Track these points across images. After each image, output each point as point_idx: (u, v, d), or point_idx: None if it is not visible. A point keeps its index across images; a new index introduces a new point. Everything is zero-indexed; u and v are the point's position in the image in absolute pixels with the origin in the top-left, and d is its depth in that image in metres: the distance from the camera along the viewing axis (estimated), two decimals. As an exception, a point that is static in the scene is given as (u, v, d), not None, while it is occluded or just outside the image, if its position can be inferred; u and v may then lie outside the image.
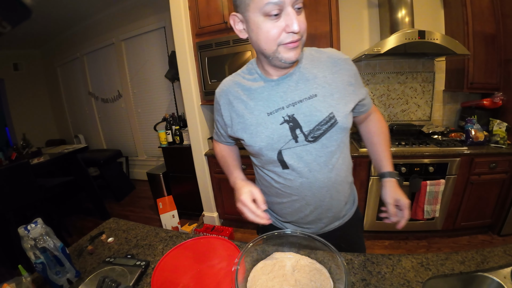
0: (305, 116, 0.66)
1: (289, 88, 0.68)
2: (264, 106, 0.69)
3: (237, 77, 0.76)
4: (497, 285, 0.60)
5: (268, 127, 0.68)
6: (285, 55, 0.59)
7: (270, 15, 0.55)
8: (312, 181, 0.70)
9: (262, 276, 0.61)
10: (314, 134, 0.67)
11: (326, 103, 0.67)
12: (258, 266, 0.65)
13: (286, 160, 0.69)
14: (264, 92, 0.70)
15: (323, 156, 0.69)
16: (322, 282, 0.59)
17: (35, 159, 2.46)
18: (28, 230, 0.67)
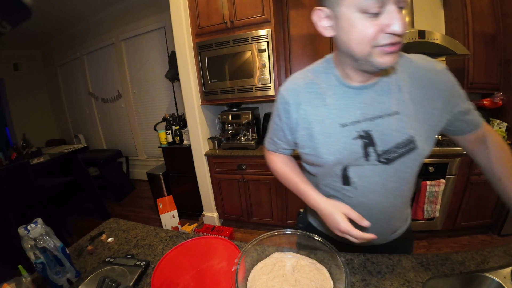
0: (382, 135, 0.58)
1: (370, 100, 0.59)
2: (338, 116, 0.61)
3: (309, 75, 0.66)
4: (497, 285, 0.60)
5: (340, 140, 0.60)
6: (380, 60, 0.50)
7: (368, 12, 0.46)
8: (372, 203, 0.64)
9: (262, 276, 0.61)
10: (388, 156, 0.59)
11: (408, 123, 0.57)
12: (258, 266, 0.65)
13: (350, 176, 0.63)
14: (340, 99, 0.61)
15: (393, 181, 0.61)
16: (322, 282, 0.59)
17: (35, 159, 2.46)
18: (28, 230, 0.67)
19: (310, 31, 1.95)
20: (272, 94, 1.94)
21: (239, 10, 1.87)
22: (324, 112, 0.62)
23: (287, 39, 2.02)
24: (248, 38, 1.88)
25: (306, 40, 1.98)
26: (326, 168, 0.65)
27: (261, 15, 1.83)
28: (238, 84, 2.01)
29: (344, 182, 0.64)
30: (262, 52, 1.87)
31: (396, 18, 0.46)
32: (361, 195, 0.64)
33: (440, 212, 1.82)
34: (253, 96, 2.00)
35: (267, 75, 1.91)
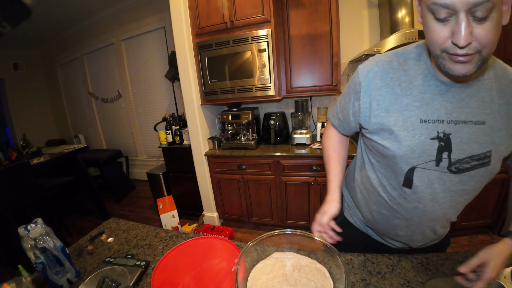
0: (461, 142, 0.54)
1: (459, 101, 0.54)
2: (420, 110, 0.56)
3: (397, 59, 0.60)
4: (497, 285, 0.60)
5: (415, 136, 0.56)
6: (449, 65, 0.48)
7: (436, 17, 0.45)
8: (427, 210, 0.61)
9: (262, 276, 0.61)
10: (460, 165, 0.55)
11: (490, 137, 0.54)
12: (258, 266, 0.65)
13: (414, 180, 0.59)
14: (427, 92, 0.56)
15: (455, 191, 0.58)
16: (322, 282, 0.59)
17: (35, 159, 2.46)
18: (28, 230, 0.67)
19: (310, 31, 1.95)
20: (272, 94, 1.94)
21: (239, 10, 1.87)
22: (405, 102, 0.58)
23: (287, 39, 2.02)
24: (248, 38, 1.88)
25: (306, 40, 1.98)
26: (391, 162, 0.61)
27: (261, 15, 1.83)
28: (238, 84, 2.01)
29: (405, 184, 0.61)
30: (262, 52, 1.87)
31: (461, 30, 0.42)
32: (419, 200, 0.60)
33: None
34: (253, 96, 2.00)
35: (267, 75, 1.91)
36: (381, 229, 0.74)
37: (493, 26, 0.42)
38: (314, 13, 1.90)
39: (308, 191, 2.01)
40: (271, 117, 2.20)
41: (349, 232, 0.82)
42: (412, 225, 0.65)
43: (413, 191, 0.60)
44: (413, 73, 0.58)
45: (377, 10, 2.11)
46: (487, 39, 0.43)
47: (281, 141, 2.27)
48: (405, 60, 0.60)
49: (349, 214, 0.86)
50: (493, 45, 0.44)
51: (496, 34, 0.43)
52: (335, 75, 1.96)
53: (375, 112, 0.61)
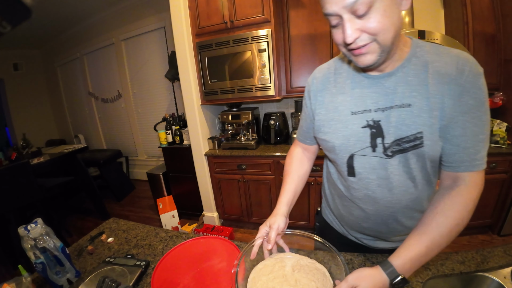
0: (390, 127, 0.57)
1: (384, 90, 0.58)
2: (351, 104, 0.62)
3: (333, 64, 0.70)
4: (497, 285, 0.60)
5: (348, 127, 0.62)
6: (355, 59, 0.54)
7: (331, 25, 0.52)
8: (378, 197, 0.63)
9: (262, 277, 0.61)
10: (392, 148, 0.58)
11: (419, 118, 0.54)
12: (258, 267, 0.64)
13: (355, 167, 0.64)
14: (356, 88, 0.63)
15: (398, 175, 0.60)
16: (322, 281, 0.59)
17: (35, 159, 2.46)
18: (28, 230, 0.67)
19: (310, 31, 1.94)
20: (272, 94, 1.94)
21: (239, 10, 1.87)
22: (339, 99, 0.65)
23: (287, 39, 2.02)
24: (248, 38, 1.88)
25: (306, 40, 1.98)
26: (334, 154, 0.67)
27: (261, 15, 1.83)
28: (238, 84, 2.01)
29: (349, 173, 0.66)
30: (262, 52, 1.87)
31: (344, 29, 0.48)
32: (366, 187, 0.64)
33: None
34: (253, 96, 2.00)
35: (267, 75, 1.91)
36: (349, 223, 0.77)
37: (379, 15, 0.47)
38: (314, 13, 1.90)
39: (308, 191, 2.01)
40: (271, 117, 2.20)
41: (328, 233, 0.85)
42: (371, 215, 0.67)
43: (358, 179, 0.65)
44: (346, 74, 0.66)
45: (377, 10, 2.10)
46: (376, 28, 0.47)
47: (281, 141, 2.27)
48: (341, 65, 0.68)
49: (327, 215, 0.87)
50: (385, 31, 0.48)
51: (385, 20, 0.47)
52: (335, 75, 1.95)
53: (317, 111, 0.70)
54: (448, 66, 0.53)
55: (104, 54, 3.74)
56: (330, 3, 0.48)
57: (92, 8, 3.23)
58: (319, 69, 0.73)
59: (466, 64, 0.52)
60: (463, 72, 0.52)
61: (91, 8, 3.23)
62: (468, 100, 0.52)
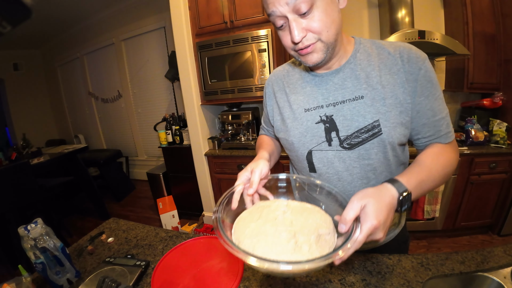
0: (344, 120, 0.59)
1: (333, 86, 0.61)
2: (304, 102, 0.65)
3: (287, 67, 0.74)
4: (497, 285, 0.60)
5: (303, 124, 0.65)
6: (302, 59, 0.56)
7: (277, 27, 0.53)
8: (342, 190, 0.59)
9: (250, 224, 0.50)
10: (351, 141, 0.59)
11: (373, 108, 0.57)
12: (242, 216, 0.53)
13: (314, 163, 0.65)
14: (307, 87, 0.66)
15: (358, 167, 0.61)
16: (320, 218, 0.51)
17: (35, 159, 2.46)
18: (28, 230, 0.67)
19: (310, 31, 1.94)
20: (272, 94, 1.94)
21: (239, 10, 1.87)
22: (293, 98, 0.68)
23: (287, 39, 2.02)
24: (248, 38, 1.88)
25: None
26: (294, 152, 0.69)
27: (261, 15, 1.83)
28: (238, 84, 2.01)
29: (310, 169, 0.67)
30: (262, 52, 1.87)
31: (291, 29, 0.50)
32: (327, 182, 0.58)
33: (440, 212, 1.82)
34: (253, 96, 2.00)
35: (267, 75, 1.91)
36: None
37: (321, 13, 0.49)
38: (314, 13, 1.90)
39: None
40: (271, 117, 2.20)
41: None
42: None
43: (319, 174, 0.66)
44: (297, 75, 0.69)
45: (377, 10, 2.11)
46: (318, 27, 0.50)
47: (281, 141, 2.27)
48: (293, 67, 0.71)
49: None
50: (327, 29, 0.50)
51: (326, 18, 0.50)
52: (335, 75, 1.96)
53: (276, 111, 0.73)
54: (392, 57, 0.58)
55: (104, 54, 3.74)
56: (273, 2, 0.48)
57: (92, 8, 3.23)
58: (274, 73, 0.77)
59: (409, 52, 0.56)
60: (408, 59, 0.56)
61: (91, 8, 3.23)
62: (420, 83, 0.56)
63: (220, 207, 0.50)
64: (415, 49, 0.57)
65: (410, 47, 0.58)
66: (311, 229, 0.47)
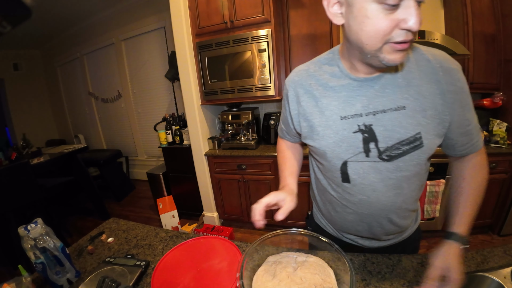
0: (385, 130, 0.56)
1: (374, 93, 0.56)
2: (339, 108, 0.59)
3: (313, 67, 0.66)
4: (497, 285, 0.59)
5: (338, 132, 0.60)
6: (390, 57, 0.47)
7: (386, 3, 0.42)
8: (373, 201, 0.62)
9: (267, 284, 0.59)
10: (391, 152, 0.57)
11: (415, 119, 0.55)
12: (258, 274, 0.63)
13: (349, 173, 0.62)
14: (342, 91, 0.59)
15: (394, 179, 0.59)
16: (324, 272, 0.60)
17: (35, 159, 2.46)
18: (28, 230, 0.67)
19: (310, 31, 1.94)
20: (272, 94, 1.94)
21: (239, 10, 1.87)
22: (325, 103, 0.61)
23: (287, 39, 2.02)
24: (248, 38, 1.88)
25: (306, 40, 1.98)
26: (326, 161, 0.65)
27: (261, 15, 1.83)
28: (238, 84, 2.01)
29: (343, 179, 0.63)
30: (262, 52, 1.87)
31: (414, 13, 0.42)
32: (361, 192, 0.62)
33: (440, 212, 1.82)
34: (253, 96, 2.00)
35: (267, 75, 1.91)
36: (343, 228, 0.75)
37: None
38: (314, 13, 1.90)
39: (308, 191, 2.01)
40: (271, 117, 2.20)
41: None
42: (365, 218, 0.66)
43: (353, 185, 0.63)
44: (327, 76, 0.62)
45: (377, 10, 2.11)
46: (420, 23, 0.43)
47: (281, 141, 2.27)
48: (320, 67, 0.65)
49: (319, 219, 0.85)
50: None
51: None
52: (335, 75, 1.96)
53: (303, 117, 0.66)
54: (431, 65, 0.55)
55: (104, 54, 3.74)
56: None
57: (92, 8, 3.23)
58: (297, 73, 0.69)
59: (447, 62, 0.55)
60: (447, 70, 0.54)
61: (91, 8, 3.22)
62: (459, 95, 0.55)
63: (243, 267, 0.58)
64: (452, 59, 0.56)
65: (447, 56, 0.56)
66: (318, 284, 0.57)
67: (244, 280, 0.56)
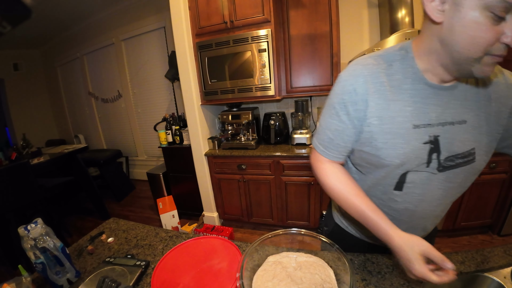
0: (448, 143, 0.55)
1: (445, 104, 0.54)
2: (413, 115, 0.54)
3: (382, 62, 0.56)
4: (497, 285, 0.60)
5: (410, 143, 0.54)
6: (485, 68, 0.45)
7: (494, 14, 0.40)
8: (417, 210, 0.62)
9: (267, 283, 0.60)
10: (444, 163, 0.56)
11: (471, 135, 0.54)
12: (258, 274, 0.63)
13: (406, 182, 0.58)
14: (417, 96, 0.54)
15: (441, 189, 0.59)
16: (323, 272, 0.61)
17: (35, 159, 2.46)
18: (28, 230, 0.67)
19: (310, 31, 1.94)
20: (272, 94, 1.94)
21: (239, 10, 1.87)
22: (397, 108, 0.54)
23: (287, 39, 2.02)
24: (248, 38, 1.88)
25: (306, 40, 1.98)
26: (384, 171, 0.59)
27: (261, 15, 1.83)
28: (238, 84, 2.01)
29: (396, 187, 0.60)
30: (262, 52, 1.87)
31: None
32: (409, 201, 0.61)
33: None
34: (253, 96, 2.00)
35: (267, 75, 1.91)
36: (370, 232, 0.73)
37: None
38: (314, 13, 1.90)
39: (308, 191, 2.01)
40: (271, 117, 2.20)
41: (342, 238, 0.81)
42: (401, 224, 0.62)
43: (404, 193, 0.60)
44: (400, 76, 0.55)
45: (377, 10, 2.11)
46: None
47: (281, 141, 2.27)
48: (390, 64, 0.56)
49: (341, 221, 0.83)
50: None
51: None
52: (335, 75, 1.96)
53: (368, 120, 0.57)
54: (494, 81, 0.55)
55: (104, 54, 3.74)
56: None
57: (92, 8, 3.23)
58: (364, 65, 0.57)
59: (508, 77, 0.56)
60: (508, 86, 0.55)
61: (91, 8, 3.23)
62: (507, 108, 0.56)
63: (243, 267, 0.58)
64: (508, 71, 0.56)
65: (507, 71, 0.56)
66: (318, 284, 0.58)
67: (244, 280, 0.56)
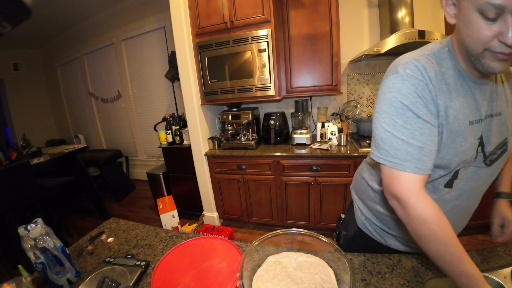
0: (490, 135, 0.56)
1: (488, 97, 0.55)
2: (469, 111, 0.54)
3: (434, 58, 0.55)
4: (497, 285, 0.59)
5: (467, 139, 0.54)
6: (490, 63, 0.48)
7: (485, 16, 0.45)
8: (463, 206, 0.62)
9: (267, 283, 0.60)
10: (491, 157, 0.57)
11: (505, 126, 0.58)
12: (258, 274, 0.63)
13: (458, 178, 0.58)
14: (467, 93, 0.54)
15: (486, 184, 0.61)
16: (323, 272, 0.61)
17: (35, 159, 2.46)
18: (28, 230, 0.67)
19: (310, 31, 1.94)
20: (272, 94, 1.94)
21: (239, 10, 1.87)
22: (457, 105, 0.53)
23: (287, 39, 2.02)
24: (248, 38, 1.88)
25: (306, 40, 1.98)
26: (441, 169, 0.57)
27: (261, 15, 1.83)
28: (238, 84, 2.01)
29: (447, 185, 0.59)
30: (262, 52, 1.87)
31: (509, 29, 0.43)
32: (457, 198, 0.61)
33: (440, 212, 1.82)
34: (253, 96, 2.00)
35: (267, 75, 1.91)
36: (400, 234, 0.71)
37: None
38: (314, 13, 1.90)
39: (308, 191, 2.01)
40: (271, 117, 2.20)
41: (363, 243, 0.80)
42: None
43: (454, 189, 0.60)
44: (452, 73, 0.55)
45: (377, 10, 2.11)
46: None
47: (281, 141, 2.27)
48: (440, 61, 0.55)
49: (366, 227, 0.81)
50: None
51: None
52: (335, 75, 1.96)
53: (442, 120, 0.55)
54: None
55: (104, 54, 3.74)
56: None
57: (92, 8, 3.23)
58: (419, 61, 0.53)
59: None
60: None
61: (91, 8, 3.23)
62: None
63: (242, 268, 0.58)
64: None
65: None
66: (318, 284, 0.58)
67: (244, 280, 0.56)
